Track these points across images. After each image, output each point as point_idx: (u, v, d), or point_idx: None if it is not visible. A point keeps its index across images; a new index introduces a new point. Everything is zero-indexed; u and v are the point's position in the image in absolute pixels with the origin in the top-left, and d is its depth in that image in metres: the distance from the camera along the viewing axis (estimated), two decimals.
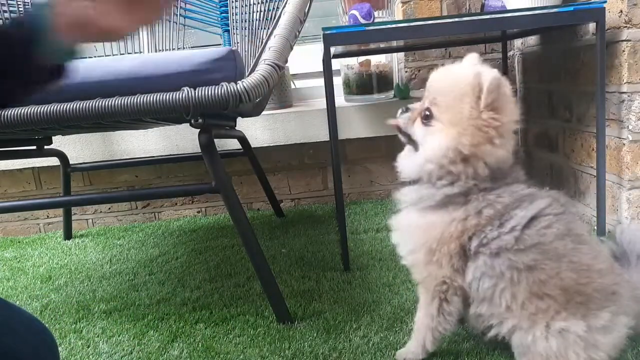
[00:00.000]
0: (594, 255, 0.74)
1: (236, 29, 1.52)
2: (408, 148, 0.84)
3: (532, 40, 1.68)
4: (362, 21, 1.32)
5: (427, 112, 0.77)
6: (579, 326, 0.71)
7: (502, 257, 0.72)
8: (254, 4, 1.42)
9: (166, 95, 0.93)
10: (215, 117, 1.09)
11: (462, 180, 0.74)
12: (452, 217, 0.74)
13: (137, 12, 0.56)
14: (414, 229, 0.79)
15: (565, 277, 0.71)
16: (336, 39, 1.17)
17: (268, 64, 0.99)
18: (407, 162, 0.82)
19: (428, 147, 0.77)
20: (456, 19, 1.16)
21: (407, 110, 0.83)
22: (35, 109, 0.93)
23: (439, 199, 0.76)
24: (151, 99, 0.93)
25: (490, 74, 0.71)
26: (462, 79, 0.74)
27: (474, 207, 0.73)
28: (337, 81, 1.75)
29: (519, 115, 0.76)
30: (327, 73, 1.19)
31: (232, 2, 1.55)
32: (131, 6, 0.55)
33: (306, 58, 2.01)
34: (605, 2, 1.11)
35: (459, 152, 0.73)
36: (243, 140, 1.66)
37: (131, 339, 1.02)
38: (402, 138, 0.84)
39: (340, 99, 1.88)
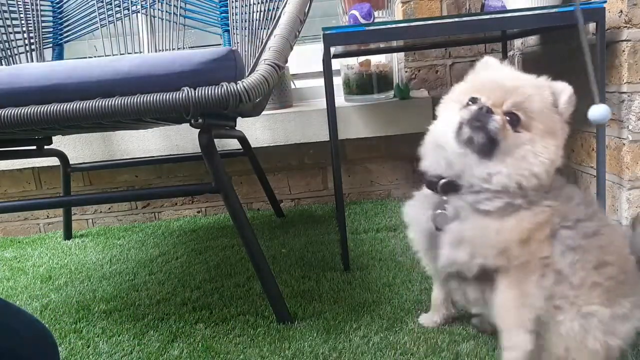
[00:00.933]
0: (625, 243, 0.77)
1: (236, 29, 1.52)
2: (462, 151, 0.75)
3: (532, 40, 1.68)
4: (362, 21, 1.32)
5: (515, 117, 0.73)
6: (605, 312, 0.71)
7: (578, 227, 0.72)
8: (254, 4, 1.42)
9: (166, 95, 0.93)
10: (215, 117, 1.09)
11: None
12: (541, 208, 0.74)
13: None
14: (493, 231, 0.74)
15: (613, 261, 0.72)
16: (336, 39, 1.17)
17: (268, 64, 0.99)
18: (481, 170, 0.74)
19: (528, 159, 0.73)
20: (456, 19, 1.16)
21: (489, 110, 0.73)
22: (35, 109, 0.93)
23: (503, 205, 0.73)
24: (151, 99, 0.93)
25: (568, 87, 0.75)
26: (542, 86, 0.76)
27: (538, 211, 0.74)
28: (337, 81, 1.75)
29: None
30: (327, 73, 1.19)
31: (232, 2, 1.55)
32: None
33: (306, 58, 2.01)
34: (605, 2, 1.11)
35: (556, 163, 0.74)
36: (243, 140, 1.66)
37: (131, 339, 1.02)
38: (478, 137, 0.73)
39: (340, 99, 1.88)
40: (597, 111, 0.80)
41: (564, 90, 0.74)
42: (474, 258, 0.75)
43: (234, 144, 1.72)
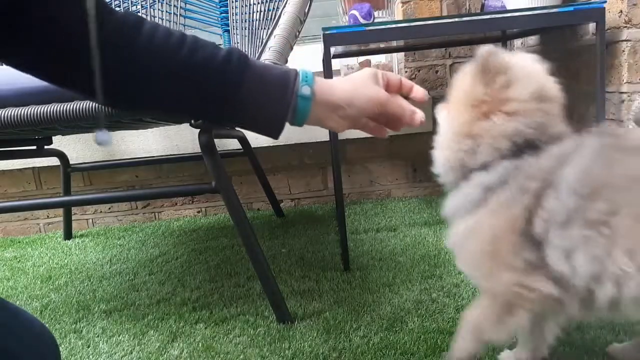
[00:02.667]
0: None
1: (236, 29, 1.52)
2: None
3: (532, 40, 1.68)
4: (362, 21, 1.32)
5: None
6: None
7: (575, 220, 0.60)
8: (254, 4, 1.42)
9: None
10: None
11: (486, 158, 0.68)
12: (496, 207, 0.66)
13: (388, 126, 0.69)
14: (466, 237, 0.70)
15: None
16: (336, 39, 1.17)
17: None
18: (434, 157, 0.76)
19: (440, 132, 0.75)
20: (456, 19, 1.17)
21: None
22: (35, 109, 0.93)
23: (478, 195, 0.68)
24: None
25: (483, 49, 0.69)
26: (468, 66, 0.73)
27: (515, 187, 0.65)
28: None
29: (538, 92, 0.70)
30: (327, 73, 1.19)
31: (232, 2, 1.55)
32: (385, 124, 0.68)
33: (306, 58, 2.01)
34: (605, 2, 1.11)
35: (457, 132, 0.71)
36: (243, 140, 1.66)
37: (131, 338, 1.02)
38: None
39: None
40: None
41: (478, 54, 0.70)
42: (464, 270, 0.72)
43: (234, 144, 1.72)
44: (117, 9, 1.66)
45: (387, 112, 0.64)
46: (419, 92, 0.68)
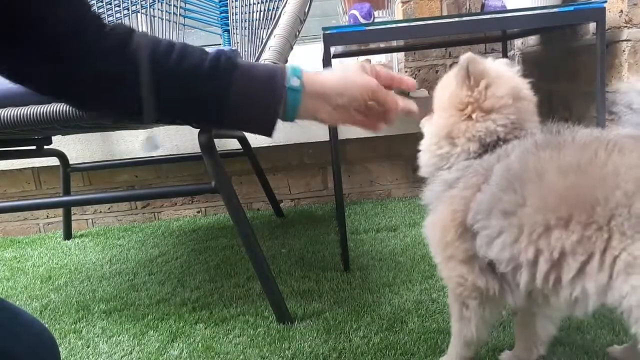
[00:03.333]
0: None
1: (236, 28, 1.52)
2: None
3: (532, 40, 1.68)
4: (362, 21, 1.32)
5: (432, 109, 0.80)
6: None
7: (494, 211, 0.65)
8: (254, 3, 1.41)
9: None
10: None
11: (455, 160, 0.74)
12: (447, 200, 0.72)
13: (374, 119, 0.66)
14: (429, 228, 0.77)
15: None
16: (336, 39, 1.17)
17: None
18: (419, 161, 0.82)
19: (424, 138, 0.80)
20: (456, 19, 1.16)
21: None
22: (35, 109, 0.93)
23: (441, 189, 0.74)
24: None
25: (464, 56, 0.73)
26: (451, 72, 0.78)
27: (463, 182, 0.71)
28: None
29: (513, 91, 0.73)
30: None
31: (232, 1, 1.55)
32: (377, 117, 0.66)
33: (306, 58, 2.01)
34: (606, 2, 1.11)
35: (437, 134, 0.75)
36: (243, 140, 1.66)
37: (131, 339, 1.02)
38: None
39: None
40: None
41: (461, 59, 0.73)
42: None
43: (234, 144, 1.72)
44: (117, 9, 1.66)
45: (379, 99, 0.63)
46: (409, 81, 0.69)
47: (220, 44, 1.64)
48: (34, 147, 1.45)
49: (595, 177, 0.59)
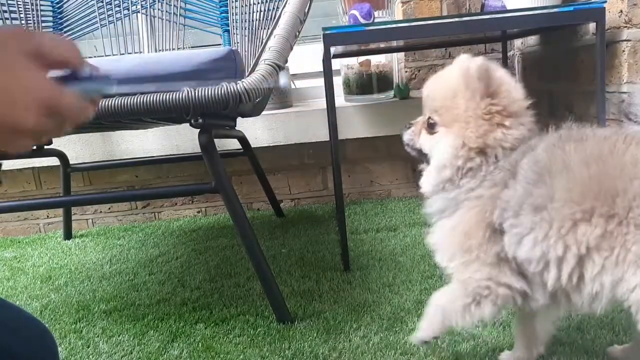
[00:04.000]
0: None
1: (236, 28, 1.52)
2: (426, 165, 0.80)
3: (532, 40, 1.68)
4: (362, 21, 1.32)
5: (431, 121, 0.75)
6: None
7: (524, 207, 0.64)
8: (254, 3, 1.42)
9: (166, 95, 0.93)
10: (215, 117, 1.09)
11: (486, 170, 0.70)
12: (471, 201, 0.70)
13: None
14: (446, 234, 0.73)
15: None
16: (336, 39, 1.17)
17: (268, 64, 0.99)
18: (424, 179, 0.77)
19: (438, 154, 0.74)
20: (456, 19, 1.16)
21: (410, 125, 0.81)
22: None
23: (463, 197, 0.71)
24: (151, 99, 0.93)
25: (475, 63, 0.70)
26: (452, 77, 0.73)
27: (488, 182, 0.69)
28: (337, 81, 1.75)
29: (523, 93, 0.73)
30: (327, 73, 1.19)
31: (232, 1, 1.55)
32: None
33: (306, 58, 2.01)
34: (606, 2, 1.11)
35: (468, 146, 0.70)
36: (243, 140, 1.66)
37: (131, 339, 1.02)
38: (413, 154, 0.81)
39: (340, 99, 1.88)
40: None
41: (472, 68, 0.69)
42: (441, 263, 0.75)
43: (234, 144, 1.72)
44: (117, 9, 1.65)
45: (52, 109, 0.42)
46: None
47: (220, 44, 1.64)
48: (34, 147, 1.45)
49: (615, 167, 0.59)
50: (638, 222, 0.57)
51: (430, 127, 0.76)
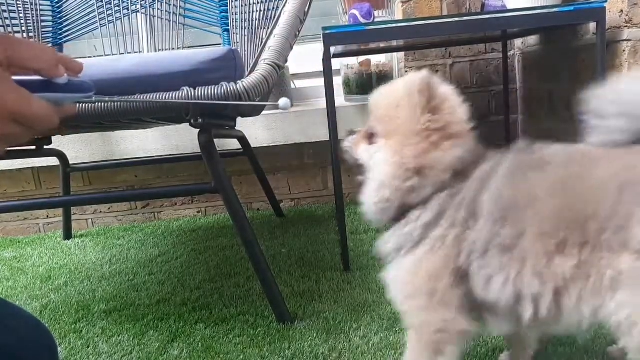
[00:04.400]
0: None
1: (236, 28, 1.52)
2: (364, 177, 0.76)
3: (532, 40, 1.67)
4: (362, 21, 1.32)
5: (371, 131, 0.72)
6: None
7: (491, 248, 0.62)
8: (253, 3, 1.41)
9: (166, 95, 0.93)
10: (215, 117, 1.09)
11: (425, 193, 0.67)
12: (432, 243, 0.66)
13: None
14: (406, 276, 0.70)
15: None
16: (336, 39, 1.17)
17: (268, 64, 0.99)
18: (365, 196, 0.72)
19: (376, 169, 0.70)
20: (456, 19, 1.16)
21: (352, 132, 0.77)
22: None
23: (419, 232, 0.67)
24: (150, 99, 0.93)
25: (419, 76, 0.66)
26: (397, 88, 0.70)
27: (447, 220, 0.65)
28: (337, 81, 1.75)
29: (467, 113, 0.69)
30: (327, 73, 1.19)
31: (232, 1, 1.55)
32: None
33: (306, 58, 2.01)
34: (606, 1, 1.11)
35: (406, 166, 0.67)
36: (243, 140, 1.66)
37: (131, 339, 1.02)
38: (352, 162, 0.78)
39: (340, 99, 1.88)
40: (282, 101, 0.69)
41: (415, 81, 0.66)
42: (395, 301, 0.72)
43: (234, 144, 1.72)
44: (117, 8, 1.65)
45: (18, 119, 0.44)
46: (74, 64, 0.51)
47: (220, 44, 1.64)
48: (33, 147, 1.45)
49: (582, 193, 0.58)
50: (610, 245, 0.56)
51: (370, 137, 0.72)
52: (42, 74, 0.48)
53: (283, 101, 0.64)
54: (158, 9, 1.64)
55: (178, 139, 1.79)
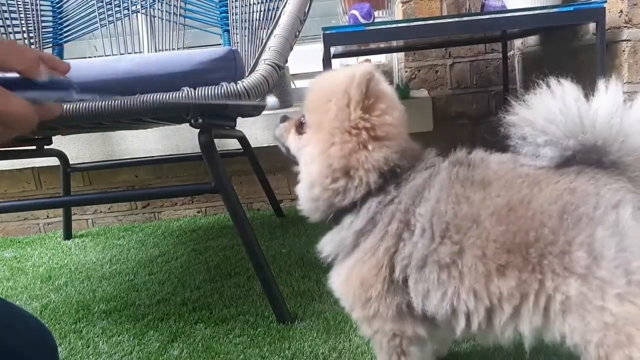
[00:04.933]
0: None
1: (236, 28, 1.52)
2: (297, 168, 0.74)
3: (532, 40, 1.68)
4: (362, 21, 1.31)
5: (302, 120, 0.69)
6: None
7: (429, 263, 0.62)
8: (254, 3, 1.41)
9: (166, 95, 0.93)
10: (215, 117, 1.09)
11: (354, 195, 0.65)
12: (364, 252, 0.65)
13: None
14: (342, 284, 0.69)
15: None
16: (336, 39, 1.17)
17: (268, 64, 0.99)
18: (299, 189, 0.71)
19: (306, 167, 0.68)
20: (456, 19, 1.16)
21: (285, 119, 0.74)
22: None
23: (351, 239, 0.67)
24: (150, 99, 0.93)
25: (361, 70, 0.63)
26: (335, 79, 0.67)
27: (379, 230, 0.64)
28: None
29: (403, 116, 0.68)
30: None
31: (232, 1, 1.55)
32: None
33: (306, 58, 2.01)
34: (606, 2, 1.11)
35: (333, 167, 0.65)
36: (243, 140, 1.66)
37: (131, 339, 1.02)
38: (283, 150, 0.76)
39: None
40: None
41: (354, 74, 0.63)
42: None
43: (234, 144, 1.72)
44: (117, 9, 1.65)
45: None
46: (60, 65, 0.51)
47: (220, 44, 1.64)
48: (34, 147, 1.45)
49: (526, 218, 0.58)
50: (553, 268, 0.56)
51: (300, 126, 0.70)
52: (22, 74, 0.47)
53: (271, 100, 0.64)
54: (158, 9, 1.64)
55: (178, 139, 1.79)
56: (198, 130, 1.00)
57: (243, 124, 1.72)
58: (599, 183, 0.57)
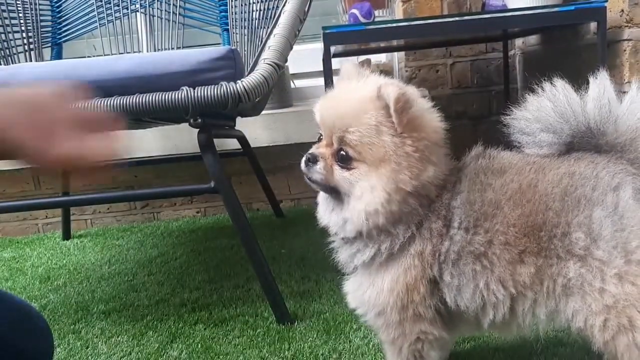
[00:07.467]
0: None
1: (236, 28, 1.51)
2: (325, 197, 0.74)
3: (532, 39, 1.67)
4: (362, 20, 1.31)
5: (343, 154, 0.66)
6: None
7: (464, 255, 0.63)
8: (253, 2, 1.41)
9: (165, 95, 0.93)
10: (214, 117, 1.09)
11: (418, 215, 0.65)
12: (412, 257, 0.65)
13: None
14: (375, 292, 0.68)
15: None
16: (336, 38, 1.16)
17: (268, 64, 0.99)
18: (338, 218, 0.70)
19: (364, 196, 0.65)
20: (457, 18, 1.16)
21: (314, 159, 0.70)
22: None
23: (398, 248, 0.66)
24: (150, 99, 0.92)
25: (393, 91, 0.61)
26: (366, 105, 0.64)
27: (424, 233, 0.65)
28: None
29: (440, 119, 0.68)
30: (327, 72, 1.18)
31: (232, 0, 1.54)
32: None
33: (306, 58, 2.00)
34: (607, 1, 1.11)
35: (404, 191, 0.63)
36: (242, 140, 1.65)
37: (130, 339, 1.02)
38: (318, 189, 0.73)
39: None
40: None
41: (390, 97, 0.61)
42: (364, 315, 0.72)
43: (234, 144, 1.72)
44: (116, 8, 1.64)
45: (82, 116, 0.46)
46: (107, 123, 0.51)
47: (219, 43, 1.64)
48: None
49: (534, 201, 0.60)
50: (558, 252, 0.59)
51: (344, 160, 0.66)
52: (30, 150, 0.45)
53: None
54: (157, 8, 1.63)
55: (177, 139, 1.78)
56: (197, 130, 0.99)
57: (243, 124, 1.71)
58: (598, 167, 0.60)
